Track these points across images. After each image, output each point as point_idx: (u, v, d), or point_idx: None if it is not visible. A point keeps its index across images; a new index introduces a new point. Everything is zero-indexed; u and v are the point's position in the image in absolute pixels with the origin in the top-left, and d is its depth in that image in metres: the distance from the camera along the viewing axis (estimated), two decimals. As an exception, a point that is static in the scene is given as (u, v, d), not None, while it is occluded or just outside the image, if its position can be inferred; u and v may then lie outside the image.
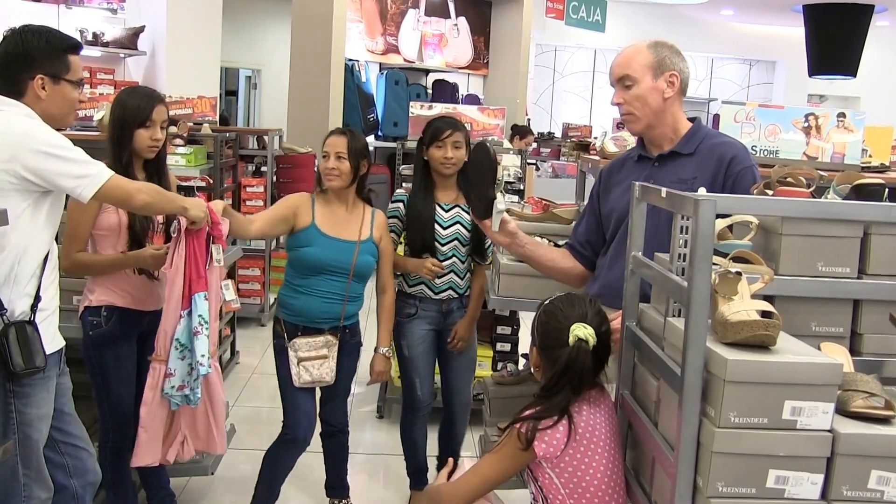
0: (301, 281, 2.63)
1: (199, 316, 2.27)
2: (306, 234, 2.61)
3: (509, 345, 4.16)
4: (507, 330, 4.16)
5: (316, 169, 2.90)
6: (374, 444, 3.80)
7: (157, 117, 2.41)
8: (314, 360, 2.62)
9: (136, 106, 2.39)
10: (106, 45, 6.01)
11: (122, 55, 6.21)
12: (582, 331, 1.70)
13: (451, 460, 1.97)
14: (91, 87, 5.68)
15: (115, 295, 2.45)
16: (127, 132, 2.38)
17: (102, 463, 2.45)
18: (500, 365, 3.99)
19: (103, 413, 2.52)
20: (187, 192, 2.98)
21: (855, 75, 10.04)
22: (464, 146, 2.80)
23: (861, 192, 1.78)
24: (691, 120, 2.16)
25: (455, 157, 2.77)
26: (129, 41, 6.05)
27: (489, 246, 2.95)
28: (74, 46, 2.08)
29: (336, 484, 2.95)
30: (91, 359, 2.47)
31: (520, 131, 7.83)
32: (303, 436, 2.68)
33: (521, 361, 3.96)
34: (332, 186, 2.64)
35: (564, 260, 2.32)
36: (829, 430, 1.38)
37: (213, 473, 3.00)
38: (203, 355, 2.25)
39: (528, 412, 1.72)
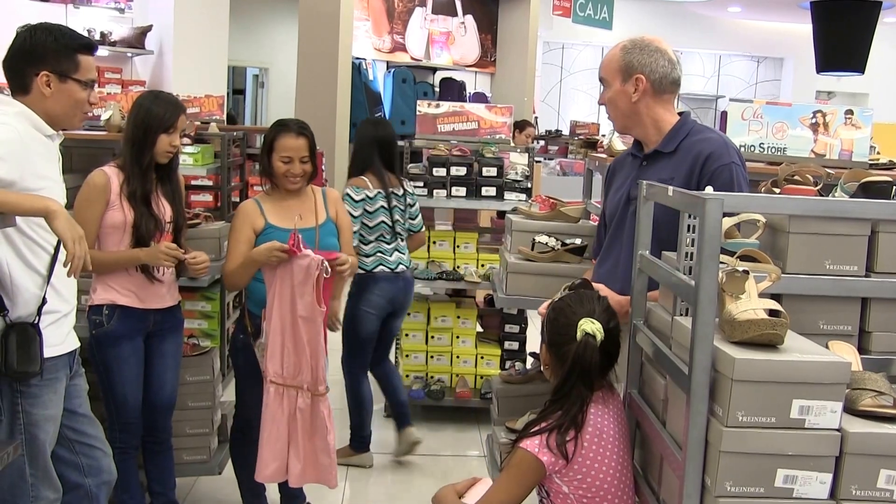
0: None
1: None
2: (266, 236, 2.58)
3: (517, 343, 4.16)
4: (515, 328, 4.16)
5: (257, 167, 2.87)
6: (381, 443, 3.80)
7: (179, 125, 2.48)
8: None
9: (161, 114, 2.44)
10: (113, 44, 6.04)
11: (129, 54, 6.23)
12: (589, 325, 1.70)
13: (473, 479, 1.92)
14: (98, 87, 5.70)
15: (116, 293, 2.46)
16: (150, 137, 2.43)
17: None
18: (507, 364, 4.00)
19: (110, 413, 2.53)
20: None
21: (863, 72, 9.97)
22: None
23: (869, 190, 1.78)
24: (679, 115, 2.14)
25: None
26: (137, 40, 6.07)
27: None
28: (87, 46, 2.04)
29: (296, 492, 2.84)
30: (95, 358, 2.48)
31: (519, 125, 7.81)
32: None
33: (529, 360, 3.96)
34: (294, 189, 2.62)
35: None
36: (837, 430, 1.38)
37: (220, 473, 3.01)
38: None
39: (537, 426, 1.69)
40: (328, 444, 2.44)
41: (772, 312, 1.46)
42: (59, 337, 2.03)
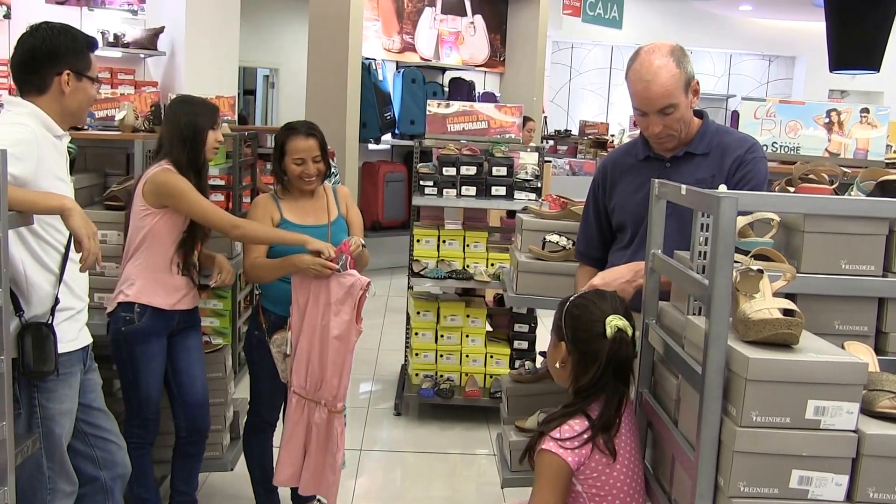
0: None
1: None
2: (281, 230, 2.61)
3: (526, 342, 4.15)
4: (525, 328, 4.15)
5: (268, 167, 2.92)
6: (391, 441, 3.81)
7: (219, 121, 2.63)
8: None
9: (204, 112, 2.58)
10: (126, 45, 6.08)
11: (142, 55, 6.27)
12: (620, 321, 1.70)
13: None
14: (112, 88, 5.74)
15: (152, 293, 2.49)
16: (201, 135, 2.54)
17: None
18: (517, 363, 3.99)
19: (130, 409, 2.55)
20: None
21: (878, 70, 9.83)
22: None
23: (886, 189, 1.76)
24: (697, 114, 2.13)
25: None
26: (149, 42, 6.11)
27: None
28: (93, 44, 2.13)
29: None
30: (121, 354, 2.50)
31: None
32: (278, 417, 2.78)
33: (539, 359, 3.95)
34: (310, 189, 2.64)
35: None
36: (853, 431, 1.36)
37: (232, 469, 3.02)
38: None
39: (568, 426, 1.67)
40: (336, 461, 2.47)
41: (786, 312, 1.45)
42: (74, 333, 2.06)
